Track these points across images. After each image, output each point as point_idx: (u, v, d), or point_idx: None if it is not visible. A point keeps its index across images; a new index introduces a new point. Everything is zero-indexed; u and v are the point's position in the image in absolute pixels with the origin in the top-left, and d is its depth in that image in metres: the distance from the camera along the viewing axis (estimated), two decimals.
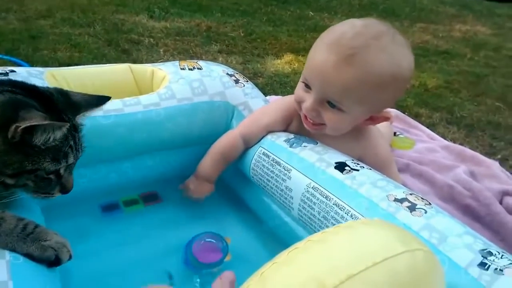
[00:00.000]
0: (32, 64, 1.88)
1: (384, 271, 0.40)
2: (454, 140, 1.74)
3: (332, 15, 3.94)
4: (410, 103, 2.03)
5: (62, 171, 0.70)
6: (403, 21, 3.98)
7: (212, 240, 0.92)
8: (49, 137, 0.64)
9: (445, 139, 1.69)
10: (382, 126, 1.23)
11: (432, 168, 1.40)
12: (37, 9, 2.77)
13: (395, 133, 1.64)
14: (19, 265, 0.59)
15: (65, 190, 0.72)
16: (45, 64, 1.91)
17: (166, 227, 1.00)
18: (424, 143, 1.61)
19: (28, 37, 2.27)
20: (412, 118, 1.80)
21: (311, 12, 3.89)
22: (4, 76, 0.88)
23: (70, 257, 0.66)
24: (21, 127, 0.59)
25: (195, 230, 0.94)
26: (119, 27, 2.62)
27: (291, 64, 2.39)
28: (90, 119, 0.91)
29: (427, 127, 1.74)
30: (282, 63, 2.40)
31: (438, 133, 1.72)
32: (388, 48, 0.85)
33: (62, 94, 0.74)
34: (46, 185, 0.69)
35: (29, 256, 0.62)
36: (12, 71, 0.91)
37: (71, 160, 0.70)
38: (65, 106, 0.71)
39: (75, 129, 0.72)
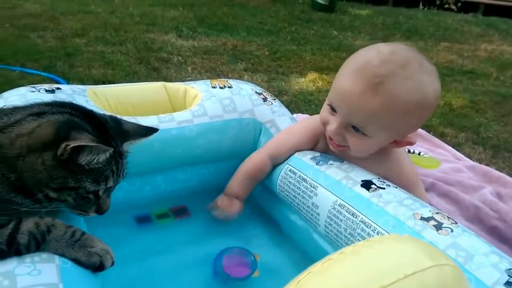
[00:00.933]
0: (68, 80, 1.98)
1: (414, 284, 0.43)
2: (480, 161, 1.73)
3: (355, 34, 3.99)
4: (435, 123, 2.03)
5: (101, 192, 0.73)
6: (427, 41, 3.99)
7: (242, 255, 0.94)
8: (94, 159, 0.67)
9: (470, 159, 1.68)
10: None
11: (458, 188, 1.40)
12: (72, 28, 2.91)
13: (419, 153, 1.65)
14: (67, 269, 0.63)
15: (100, 211, 0.75)
16: (81, 80, 2.01)
17: (195, 240, 1.03)
18: (450, 163, 1.61)
19: (64, 54, 2.40)
20: (438, 138, 1.81)
21: (334, 31, 3.94)
22: (51, 92, 0.95)
23: (113, 263, 0.70)
24: (70, 146, 0.64)
25: (223, 244, 0.97)
26: (149, 45, 2.73)
27: (315, 82, 2.43)
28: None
29: (453, 147, 1.74)
30: (306, 81, 2.44)
31: (463, 153, 1.72)
32: (415, 76, 0.86)
33: (116, 122, 0.78)
34: (84, 203, 0.72)
35: (76, 261, 0.66)
36: (58, 88, 0.98)
37: (110, 183, 0.73)
38: (116, 133, 0.75)
39: (120, 155, 0.75)
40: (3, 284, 0.57)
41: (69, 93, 0.98)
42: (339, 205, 0.88)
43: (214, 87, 1.19)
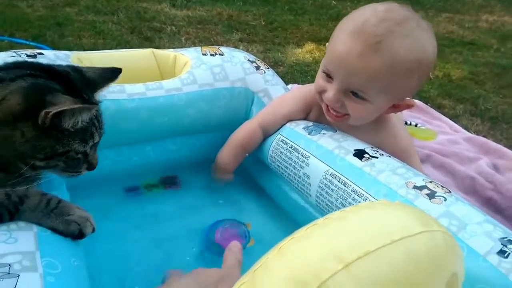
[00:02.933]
0: (57, 50, 1.93)
1: (402, 250, 0.41)
2: (477, 133, 1.71)
3: (355, 3, 3.88)
4: (433, 94, 2.00)
5: (88, 149, 0.71)
6: (427, 11, 3.90)
7: (234, 227, 0.92)
8: (78, 120, 0.65)
9: (468, 131, 1.66)
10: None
11: (454, 160, 1.38)
12: None
13: (416, 125, 1.62)
14: (45, 236, 0.61)
15: (91, 167, 0.73)
16: (70, 50, 1.96)
17: (186, 211, 1.01)
18: (447, 135, 1.58)
19: (54, 24, 2.33)
20: (435, 109, 1.78)
21: (333, 1, 3.84)
22: (32, 57, 0.91)
23: (93, 230, 0.68)
24: (51, 113, 0.60)
25: (214, 215, 0.95)
26: (142, 15, 2.65)
27: (312, 53, 2.38)
28: (114, 102, 0.94)
29: (450, 119, 1.72)
30: (303, 52, 2.39)
31: (461, 125, 1.70)
32: (413, 33, 0.83)
33: (77, 71, 0.73)
34: (75, 164, 0.70)
35: (54, 230, 0.64)
36: (40, 53, 0.94)
37: (96, 139, 0.71)
38: (82, 84, 0.71)
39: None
40: None
41: (51, 58, 0.94)
42: (330, 174, 0.86)
43: (204, 54, 1.15)
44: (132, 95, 0.96)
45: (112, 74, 0.77)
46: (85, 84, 0.72)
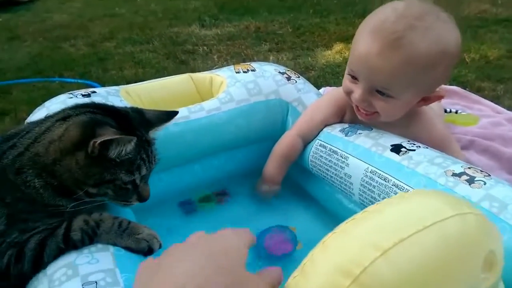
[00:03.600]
0: (103, 84, 2.08)
1: (434, 234, 0.44)
2: None
3: None
4: (471, 78, 1.96)
5: (138, 181, 0.77)
6: None
7: (281, 232, 0.98)
8: (122, 150, 0.72)
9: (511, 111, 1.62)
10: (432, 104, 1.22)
11: (498, 142, 1.36)
12: (100, 32, 3.03)
13: (456, 111, 1.61)
14: (121, 255, 0.70)
15: (141, 198, 0.80)
16: (115, 82, 2.11)
17: (237, 221, 1.07)
18: (489, 118, 1.56)
19: (97, 60, 2.51)
20: (474, 93, 1.75)
21: None
22: (87, 97, 1.02)
23: (160, 246, 0.76)
24: (97, 142, 0.69)
25: (263, 223, 1.01)
26: (174, 39, 2.79)
27: (341, 53, 2.40)
28: (163, 129, 1.03)
29: (491, 101, 1.68)
30: (333, 54, 2.42)
31: (503, 106, 1.65)
32: (433, 26, 0.85)
33: (138, 112, 0.83)
34: (124, 194, 0.77)
35: (127, 248, 0.73)
36: (93, 92, 1.05)
37: (143, 171, 0.77)
38: (139, 123, 0.80)
39: (147, 143, 0.79)
40: (67, 274, 0.64)
41: (103, 95, 1.04)
42: (370, 172, 0.90)
43: (238, 72, 1.22)
44: (177, 119, 1.04)
45: (168, 116, 0.86)
46: (142, 123, 0.80)
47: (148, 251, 0.74)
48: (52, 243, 0.70)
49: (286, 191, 1.14)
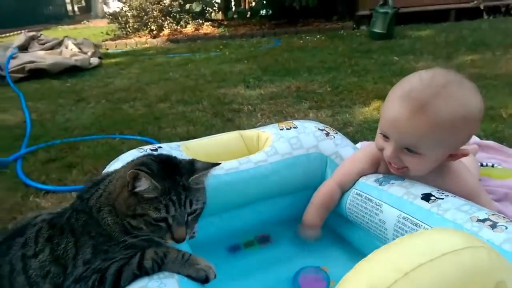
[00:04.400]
0: (159, 140, 2.31)
1: (449, 261, 0.54)
2: None
3: (417, 56, 4.01)
4: (508, 133, 2.00)
5: (170, 220, 0.86)
6: (495, 51, 3.88)
7: (314, 272, 1.07)
8: (146, 186, 0.83)
9: None
10: (466, 159, 1.30)
11: None
12: (156, 95, 3.35)
13: (492, 165, 1.66)
14: (184, 281, 0.83)
15: (174, 239, 0.87)
16: (168, 139, 2.33)
17: (277, 263, 1.17)
18: None
19: (153, 119, 2.77)
20: (511, 148, 1.79)
21: (395, 57, 4.00)
22: (154, 151, 1.20)
23: (215, 276, 0.88)
24: (128, 172, 0.82)
25: (301, 264, 1.10)
26: (221, 100, 3.04)
27: (379, 110, 2.52)
28: (214, 177, 1.17)
29: None
30: (370, 110, 2.54)
31: None
32: (456, 94, 0.96)
33: (190, 163, 0.94)
34: (157, 231, 0.87)
35: (188, 276, 0.86)
36: (160, 147, 1.23)
37: (172, 212, 0.85)
38: (186, 171, 0.90)
39: (184, 188, 0.87)
40: None
41: (167, 150, 1.22)
42: (403, 218, 0.99)
43: (281, 129, 1.38)
44: (228, 170, 1.20)
45: (212, 165, 0.96)
46: (188, 171, 0.91)
47: (205, 280, 0.86)
48: (129, 270, 0.84)
49: (323, 235, 1.23)
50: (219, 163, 1.01)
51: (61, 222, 0.93)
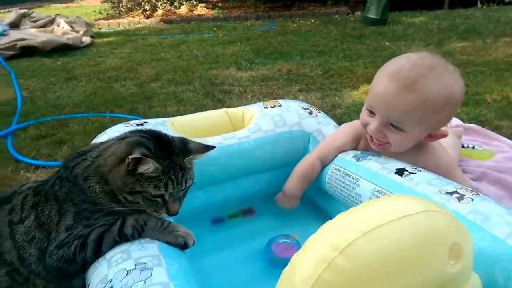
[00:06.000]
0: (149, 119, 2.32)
1: (407, 223, 0.58)
2: None
3: (409, 42, 4.02)
4: (491, 117, 2.05)
5: (166, 197, 0.90)
6: (485, 39, 3.91)
7: (285, 240, 1.12)
8: (148, 168, 0.86)
9: None
10: (448, 140, 1.34)
11: (510, 175, 1.45)
12: (148, 74, 3.35)
13: (473, 147, 1.71)
14: (164, 247, 0.87)
15: (169, 213, 0.92)
16: (159, 118, 2.34)
17: (260, 234, 1.21)
18: (504, 153, 1.65)
19: (144, 98, 2.78)
20: (493, 131, 1.84)
21: (387, 43, 4.02)
22: (140, 126, 1.23)
23: (194, 243, 0.91)
24: (130, 158, 0.85)
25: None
26: (213, 81, 3.05)
27: (367, 93, 2.55)
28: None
29: (508, 138, 1.77)
30: (359, 94, 2.57)
31: None
32: (442, 76, 1.01)
33: (182, 142, 0.97)
34: (154, 205, 0.91)
35: (167, 243, 0.89)
36: (146, 122, 1.26)
37: (170, 189, 0.89)
38: (180, 150, 0.93)
39: (180, 168, 0.91)
40: (123, 257, 0.82)
41: (153, 124, 1.25)
42: (377, 191, 1.03)
43: (266, 108, 1.41)
44: (213, 144, 1.22)
45: (205, 149, 0.98)
46: (182, 151, 0.94)
47: (184, 246, 0.90)
48: (109, 236, 0.87)
49: (305, 210, 1.28)
50: (214, 147, 1.03)
51: (45, 189, 0.96)
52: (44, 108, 2.65)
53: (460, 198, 0.88)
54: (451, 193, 0.90)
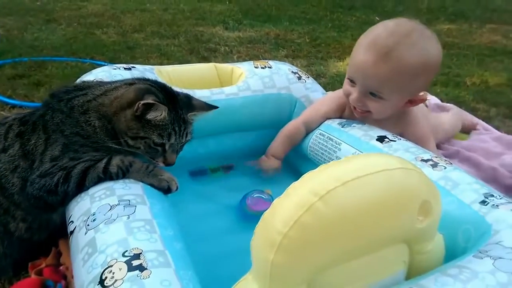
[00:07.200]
0: None
1: (383, 177, 0.61)
2: (509, 133, 1.81)
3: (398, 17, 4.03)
4: (468, 99, 2.12)
5: (167, 147, 0.95)
6: (472, 23, 3.96)
7: (259, 195, 1.15)
8: (157, 116, 0.90)
9: (499, 131, 1.77)
10: (448, 115, 1.39)
11: (480, 154, 1.52)
12: (131, 24, 3.24)
13: None
14: (148, 188, 0.88)
15: (166, 162, 0.97)
16: None
17: (239, 189, 1.22)
18: (478, 135, 1.72)
19: (126, 48, 2.71)
20: (469, 112, 1.90)
21: (377, 17, 4.01)
22: (128, 70, 1.21)
23: (177, 188, 0.93)
24: (141, 103, 0.88)
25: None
26: (199, 38, 2.99)
27: None
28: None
29: (482, 120, 1.84)
30: (344, 65, 2.59)
31: (493, 126, 1.81)
32: (418, 42, 1.03)
33: (187, 97, 1.03)
34: (153, 153, 0.95)
35: (151, 185, 0.90)
36: (133, 67, 1.24)
37: (172, 140, 0.94)
38: (184, 104, 0.99)
39: (183, 121, 0.96)
40: (106, 193, 0.83)
41: (141, 70, 1.24)
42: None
43: (256, 67, 1.41)
44: (200, 98, 1.23)
45: (208, 108, 1.04)
46: (186, 106, 0.99)
47: (167, 190, 0.92)
48: (94, 172, 0.88)
49: (283, 171, 1.31)
50: (217, 107, 1.07)
51: (33, 119, 0.95)
52: (21, 48, 2.55)
53: (434, 165, 0.93)
54: (426, 161, 0.95)
